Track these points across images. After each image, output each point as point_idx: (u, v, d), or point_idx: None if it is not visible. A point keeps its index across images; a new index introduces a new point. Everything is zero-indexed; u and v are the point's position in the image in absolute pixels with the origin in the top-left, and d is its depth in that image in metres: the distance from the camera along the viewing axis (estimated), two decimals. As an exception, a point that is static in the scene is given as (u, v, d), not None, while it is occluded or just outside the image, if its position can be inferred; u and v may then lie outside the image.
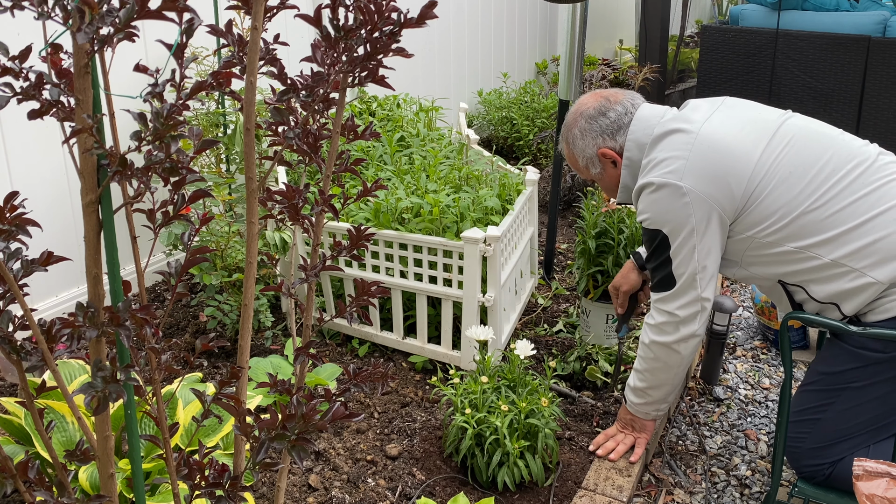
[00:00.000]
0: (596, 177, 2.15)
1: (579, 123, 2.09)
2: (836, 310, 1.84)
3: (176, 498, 1.12)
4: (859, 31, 4.72)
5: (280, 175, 2.86)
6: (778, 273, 1.89)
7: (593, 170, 2.13)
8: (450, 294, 2.47)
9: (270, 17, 1.04)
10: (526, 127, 4.67)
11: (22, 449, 1.77)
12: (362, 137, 1.20)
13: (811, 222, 1.80)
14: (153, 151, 0.92)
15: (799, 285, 1.87)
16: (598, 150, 2.07)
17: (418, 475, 2.07)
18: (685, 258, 1.89)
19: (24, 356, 0.95)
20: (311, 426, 1.00)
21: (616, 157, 2.06)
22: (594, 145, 2.07)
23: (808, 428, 1.89)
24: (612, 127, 2.05)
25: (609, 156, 2.07)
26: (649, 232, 1.95)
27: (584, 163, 2.13)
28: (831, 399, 1.86)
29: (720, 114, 1.94)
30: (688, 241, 1.87)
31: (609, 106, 2.06)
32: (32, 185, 2.59)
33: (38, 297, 2.66)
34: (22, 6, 0.83)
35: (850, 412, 1.84)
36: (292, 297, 1.20)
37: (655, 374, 2.06)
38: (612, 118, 2.05)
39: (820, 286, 1.83)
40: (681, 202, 1.85)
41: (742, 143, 1.86)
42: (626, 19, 7.44)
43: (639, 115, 2.04)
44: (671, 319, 1.96)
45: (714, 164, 1.84)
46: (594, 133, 2.07)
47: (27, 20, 2.36)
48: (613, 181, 2.12)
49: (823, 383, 1.88)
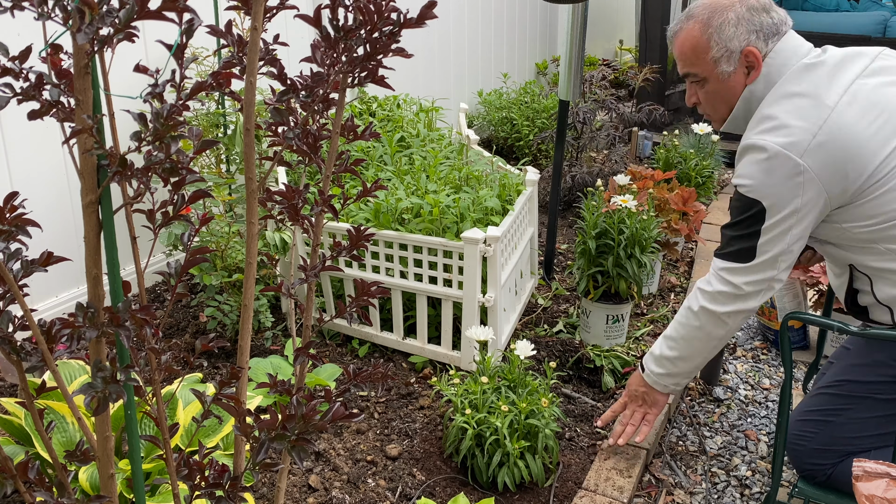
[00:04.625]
0: (716, 76, 1.85)
1: (737, 8, 1.81)
2: (889, 314, 1.78)
3: (176, 498, 1.12)
4: (859, 31, 4.72)
5: (280, 175, 2.86)
6: (854, 261, 1.81)
7: (723, 67, 1.83)
8: (450, 294, 2.47)
9: (270, 17, 1.04)
10: (526, 127, 4.67)
11: (22, 449, 1.77)
12: (362, 138, 1.20)
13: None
14: (153, 152, 0.92)
15: (868, 276, 1.79)
16: (745, 47, 1.80)
17: (418, 475, 2.07)
18: (776, 237, 1.75)
19: (24, 356, 0.95)
20: (312, 426, 1.00)
21: (759, 62, 1.80)
22: (745, 40, 1.80)
23: (816, 428, 1.88)
24: (772, 30, 1.80)
25: (753, 58, 1.80)
26: (745, 200, 1.77)
27: (718, 54, 1.82)
28: (850, 405, 1.84)
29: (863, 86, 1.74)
30: (786, 220, 1.73)
31: (772, 7, 1.84)
32: (32, 185, 2.59)
33: (38, 297, 2.66)
34: (22, 6, 0.83)
35: (864, 422, 1.83)
36: (292, 297, 1.20)
37: (691, 344, 1.95)
38: (774, 20, 1.81)
39: (889, 286, 1.76)
40: (794, 181, 1.69)
41: (873, 134, 1.68)
42: (626, 19, 7.44)
43: (791, 34, 1.83)
44: (733, 291, 1.83)
45: (839, 148, 1.67)
46: (752, 27, 1.80)
47: (27, 20, 2.36)
48: (732, 91, 1.85)
49: (847, 388, 1.86)
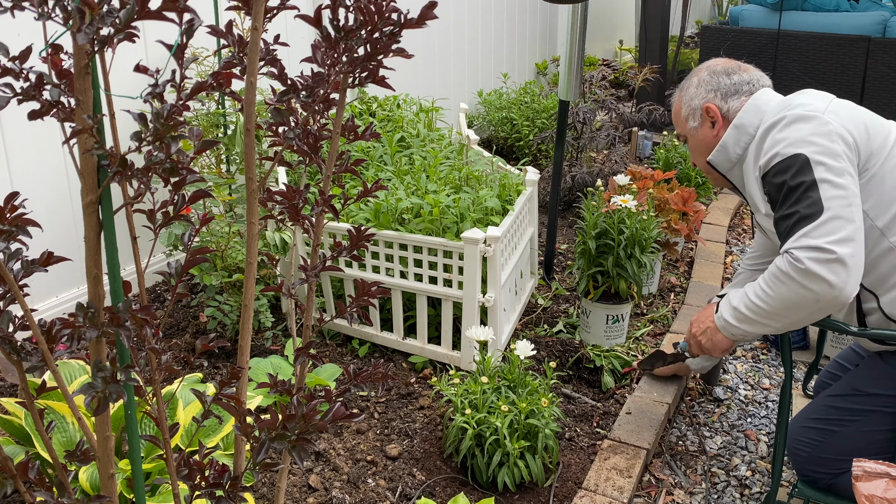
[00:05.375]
0: (689, 132, 2.08)
1: (701, 74, 2.06)
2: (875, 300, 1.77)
3: (176, 498, 1.12)
4: (859, 32, 4.72)
5: (280, 175, 2.86)
6: None
7: (691, 123, 2.06)
8: (450, 294, 2.47)
9: (270, 17, 1.04)
10: (526, 127, 4.67)
11: (22, 449, 1.77)
12: (362, 138, 1.20)
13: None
14: (153, 152, 0.92)
15: (872, 291, 1.78)
16: (703, 104, 2.02)
17: (418, 475, 2.07)
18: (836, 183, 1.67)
19: (24, 356, 0.95)
20: (312, 426, 1.00)
21: (719, 117, 1.99)
22: (703, 98, 2.02)
23: (822, 437, 1.87)
24: (730, 89, 1.99)
25: (712, 114, 2.00)
26: (786, 161, 1.74)
27: (686, 112, 2.07)
28: (857, 417, 1.84)
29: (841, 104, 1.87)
30: (838, 161, 1.69)
31: (737, 71, 2.02)
32: (32, 185, 2.59)
33: (38, 297, 2.66)
34: (22, 6, 0.83)
35: (870, 434, 1.82)
36: (292, 297, 1.20)
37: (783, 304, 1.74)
38: (733, 81, 2.00)
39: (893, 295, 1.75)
40: (825, 128, 1.73)
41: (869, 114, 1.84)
42: (626, 19, 7.45)
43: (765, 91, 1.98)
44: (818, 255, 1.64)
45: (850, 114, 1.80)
46: (709, 87, 2.02)
47: (27, 21, 2.37)
48: (703, 143, 2.04)
49: (855, 400, 1.85)
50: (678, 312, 3.04)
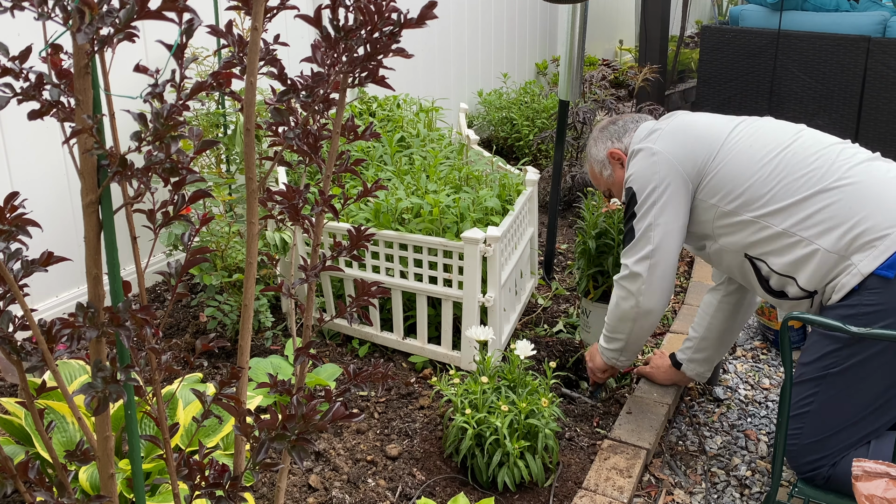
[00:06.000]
0: (608, 181, 2.35)
1: (593, 134, 2.37)
2: (794, 284, 1.93)
3: (176, 498, 1.12)
4: (859, 32, 4.72)
5: (280, 175, 2.86)
6: (742, 245, 2.01)
7: (605, 172, 2.33)
8: (450, 294, 2.47)
9: (270, 17, 1.04)
10: (526, 127, 4.67)
11: (22, 449, 1.77)
12: (362, 138, 1.20)
13: (763, 192, 1.94)
14: (153, 152, 0.92)
15: (761, 258, 1.99)
16: (607, 152, 2.30)
17: (418, 475, 2.07)
18: (644, 213, 2.08)
19: (24, 356, 0.95)
20: (312, 426, 1.00)
21: (622, 156, 2.27)
22: (604, 148, 2.31)
23: (800, 423, 1.90)
24: (620, 131, 2.30)
25: (616, 155, 2.28)
26: (626, 192, 2.15)
27: (598, 168, 2.34)
28: (815, 388, 1.88)
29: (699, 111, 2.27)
30: (649, 197, 2.06)
31: (618, 118, 2.34)
32: (32, 185, 2.59)
33: (38, 297, 2.66)
34: (22, 6, 0.83)
35: (836, 399, 1.86)
36: (292, 297, 1.20)
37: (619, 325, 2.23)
38: (619, 125, 2.31)
39: (777, 258, 1.94)
40: (650, 161, 2.08)
41: (713, 120, 2.13)
42: (626, 19, 7.44)
43: (644, 124, 2.27)
44: (624, 273, 2.14)
45: (683, 131, 2.10)
46: (604, 138, 2.32)
47: (27, 20, 2.36)
48: (622, 182, 2.26)
49: (805, 375, 1.90)
50: (678, 312, 3.04)
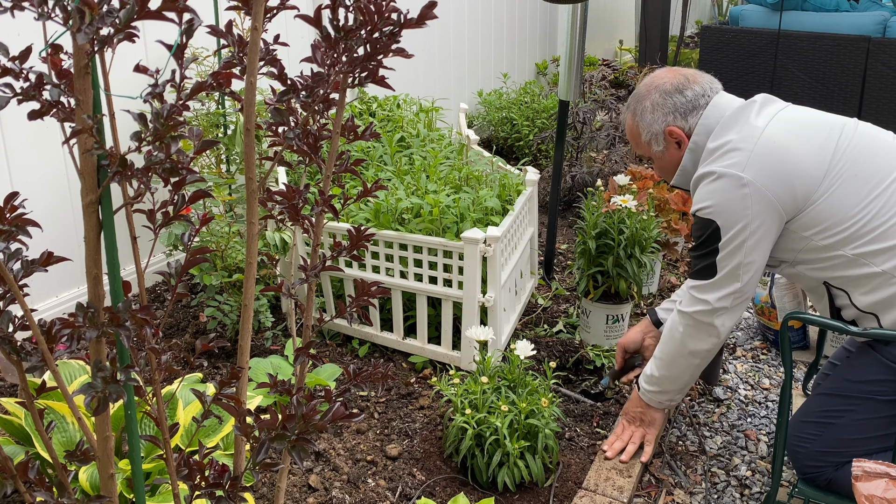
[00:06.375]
0: (655, 155, 2.07)
1: (652, 96, 2.01)
2: (875, 320, 1.81)
3: (176, 498, 1.12)
4: (859, 32, 4.72)
5: (280, 175, 2.86)
6: (826, 276, 1.86)
7: (655, 147, 2.05)
8: (450, 294, 2.47)
9: (270, 17, 1.04)
10: (526, 127, 4.67)
11: (22, 449, 1.77)
12: (362, 138, 1.20)
13: (871, 230, 1.77)
14: (153, 152, 0.92)
15: (843, 289, 1.84)
16: (665, 128, 2.00)
17: (418, 475, 2.07)
18: (733, 251, 1.85)
19: (24, 356, 0.95)
20: (312, 426, 1.00)
21: (683, 137, 1.99)
22: (663, 122, 2.00)
23: (818, 430, 1.87)
24: (687, 106, 1.98)
25: (676, 135, 1.99)
26: (701, 221, 1.89)
27: (647, 138, 2.04)
28: (851, 407, 1.84)
29: (788, 112, 1.92)
30: (739, 234, 1.83)
31: (687, 85, 1.99)
32: (32, 185, 2.59)
33: (38, 297, 2.66)
34: (22, 6, 0.83)
35: (865, 423, 1.83)
36: (292, 297, 1.20)
37: (675, 363, 2.04)
38: (688, 97, 1.98)
39: (865, 295, 1.80)
40: (739, 193, 1.80)
41: (810, 136, 1.84)
42: (626, 19, 7.45)
43: (715, 101, 1.97)
44: (706, 308, 1.92)
45: (778, 159, 1.80)
46: (667, 109, 1.99)
47: (27, 21, 2.36)
48: (672, 163, 2.05)
49: (847, 390, 1.86)
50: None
